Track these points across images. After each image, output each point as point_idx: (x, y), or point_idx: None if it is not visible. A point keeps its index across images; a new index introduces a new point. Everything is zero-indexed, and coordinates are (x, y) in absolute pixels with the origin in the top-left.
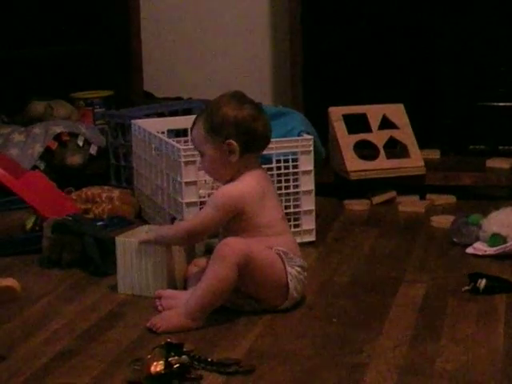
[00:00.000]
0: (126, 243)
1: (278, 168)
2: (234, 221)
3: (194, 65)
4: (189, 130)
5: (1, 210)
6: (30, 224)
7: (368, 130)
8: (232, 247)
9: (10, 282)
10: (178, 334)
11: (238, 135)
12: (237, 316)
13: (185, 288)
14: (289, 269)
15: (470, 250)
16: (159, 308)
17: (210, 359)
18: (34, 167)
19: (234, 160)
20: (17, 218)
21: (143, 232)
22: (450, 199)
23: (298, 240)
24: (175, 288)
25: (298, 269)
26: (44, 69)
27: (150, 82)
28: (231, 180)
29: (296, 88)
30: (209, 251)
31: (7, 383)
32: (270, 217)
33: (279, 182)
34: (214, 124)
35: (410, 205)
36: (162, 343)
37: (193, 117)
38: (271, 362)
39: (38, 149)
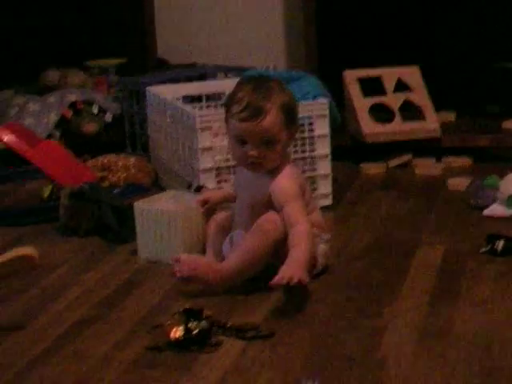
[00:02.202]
0: (145, 210)
1: None
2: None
3: (207, 30)
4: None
5: (17, 180)
6: (46, 193)
7: (383, 92)
8: (275, 224)
9: (28, 250)
10: (196, 299)
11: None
12: (255, 281)
13: (203, 248)
14: (319, 246)
15: (487, 212)
16: (178, 274)
17: (229, 324)
18: (49, 136)
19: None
20: (33, 187)
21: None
22: (466, 161)
23: None
24: (196, 252)
25: (324, 245)
26: (57, 37)
27: (164, 49)
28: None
29: (310, 52)
30: None
31: (27, 352)
32: (309, 196)
33: (295, 146)
34: (292, 110)
35: (426, 167)
36: (181, 309)
37: (209, 83)
38: (290, 326)
39: (53, 117)
